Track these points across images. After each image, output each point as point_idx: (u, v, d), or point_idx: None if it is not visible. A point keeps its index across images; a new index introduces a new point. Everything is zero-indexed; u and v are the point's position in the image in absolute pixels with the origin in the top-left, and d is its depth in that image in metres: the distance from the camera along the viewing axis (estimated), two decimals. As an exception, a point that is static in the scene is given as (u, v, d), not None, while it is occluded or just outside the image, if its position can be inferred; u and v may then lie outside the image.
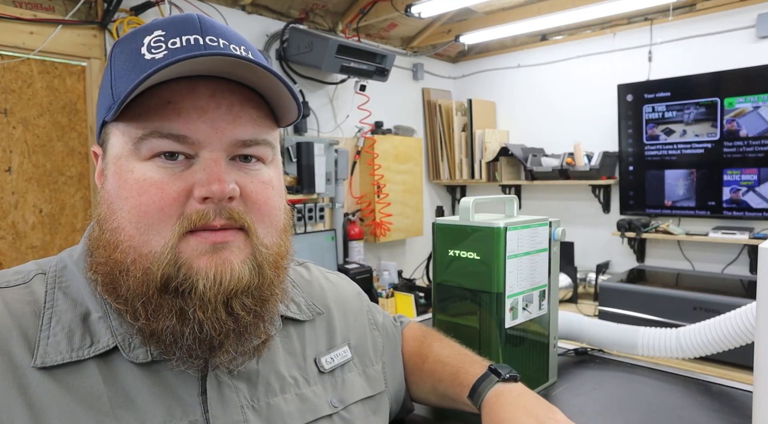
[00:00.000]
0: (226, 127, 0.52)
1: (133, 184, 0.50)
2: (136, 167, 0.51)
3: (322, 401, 0.62)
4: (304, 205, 2.64)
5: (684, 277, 2.55)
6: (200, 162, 0.51)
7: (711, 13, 2.58)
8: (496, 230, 0.84)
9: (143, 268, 0.50)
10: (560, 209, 3.14)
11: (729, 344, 0.90)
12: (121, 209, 0.51)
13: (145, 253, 0.50)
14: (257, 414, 0.55)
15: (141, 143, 0.50)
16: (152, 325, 0.50)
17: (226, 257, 0.51)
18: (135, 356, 0.52)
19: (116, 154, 0.52)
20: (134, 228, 0.50)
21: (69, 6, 1.92)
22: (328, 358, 0.65)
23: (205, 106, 0.51)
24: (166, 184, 0.50)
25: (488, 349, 0.86)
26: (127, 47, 0.53)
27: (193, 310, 0.50)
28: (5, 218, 1.87)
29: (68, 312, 0.53)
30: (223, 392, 0.54)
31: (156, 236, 0.50)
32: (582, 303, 2.73)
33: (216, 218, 0.51)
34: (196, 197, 0.50)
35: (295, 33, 2.46)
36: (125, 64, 0.52)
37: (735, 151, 2.47)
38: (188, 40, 0.51)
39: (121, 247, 0.51)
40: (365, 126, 2.95)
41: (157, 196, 0.50)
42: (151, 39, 0.51)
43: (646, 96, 2.69)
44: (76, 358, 0.50)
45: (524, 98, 3.30)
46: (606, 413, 0.85)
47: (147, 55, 0.51)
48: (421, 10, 2.46)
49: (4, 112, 1.86)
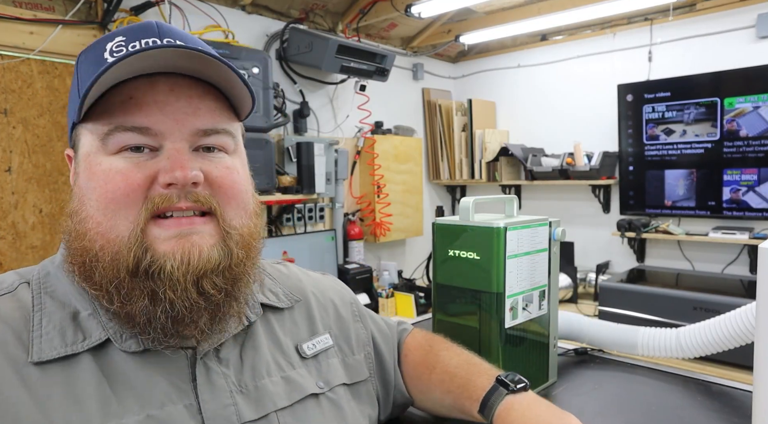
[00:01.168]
0: (186, 118, 0.55)
1: (100, 175, 0.53)
2: (103, 160, 0.54)
3: (308, 382, 0.64)
4: (304, 205, 2.64)
5: (684, 277, 2.55)
6: (164, 152, 0.54)
7: (711, 13, 2.58)
8: (496, 230, 0.84)
9: (112, 253, 0.52)
10: (560, 209, 3.14)
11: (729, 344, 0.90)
12: (89, 199, 0.54)
13: (112, 238, 0.53)
14: (246, 397, 0.57)
15: (107, 138, 0.54)
16: (126, 307, 0.53)
17: (195, 241, 0.54)
18: (128, 346, 0.54)
19: (86, 152, 0.56)
20: (101, 215, 0.53)
21: (69, 6, 1.92)
22: (309, 344, 0.68)
23: (164, 100, 0.54)
24: (131, 171, 0.53)
25: (488, 349, 0.86)
26: (91, 54, 0.57)
27: (163, 290, 0.52)
28: (5, 218, 1.87)
29: (57, 313, 0.55)
30: (212, 378, 0.56)
31: (123, 220, 0.52)
32: (582, 303, 2.73)
33: (180, 201, 0.54)
34: (161, 183, 0.53)
35: (295, 33, 2.46)
36: (89, 68, 0.56)
37: (735, 151, 2.47)
38: (146, 42, 0.54)
39: (89, 234, 0.53)
40: (365, 126, 2.95)
41: (122, 182, 0.53)
42: (113, 44, 0.55)
43: (646, 96, 2.69)
44: (71, 352, 0.52)
45: (524, 98, 3.30)
46: (606, 413, 0.85)
47: (109, 59, 0.54)
48: (421, 10, 2.46)
49: (4, 112, 1.86)
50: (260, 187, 2.20)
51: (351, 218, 2.89)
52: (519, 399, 0.67)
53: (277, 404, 0.59)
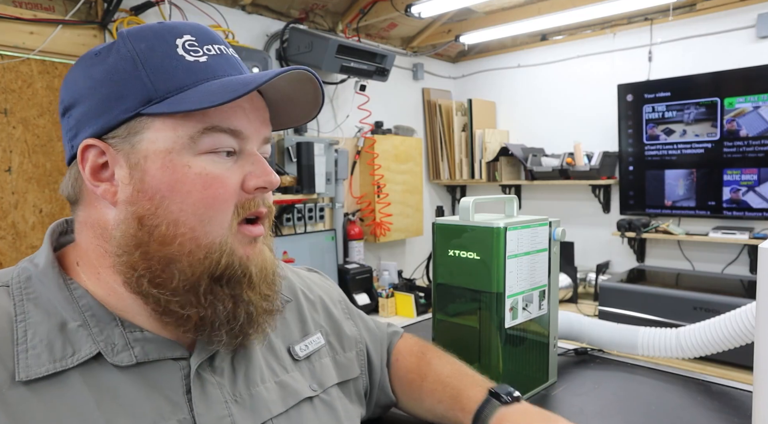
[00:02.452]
0: (260, 126, 0.57)
1: (195, 179, 0.52)
2: (192, 161, 0.53)
3: (302, 385, 0.64)
4: (304, 205, 2.64)
5: (684, 277, 2.55)
6: (245, 156, 0.56)
7: (711, 13, 2.58)
8: (496, 230, 0.84)
9: (200, 258, 0.53)
10: (560, 209, 3.14)
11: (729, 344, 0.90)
12: (182, 203, 0.52)
13: (204, 243, 0.53)
14: (241, 406, 0.57)
15: (200, 137, 0.53)
16: (202, 312, 0.53)
17: (260, 247, 0.58)
18: (120, 360, 0.52)
19: (164, 148, 0.52)
20: (197, 220, 0.52)
21: (69, 6, 1.92)
22: (301, 345, 0.68)
23: (249, 107, 0.56)
24: (227, 177, 0.54)
25: (488, 349, 0.86)
26: (156, 44, 0.53)
27: (244, 292, 0.55)
28: (5, 218, 1.87)
29: (43, 323, 0.51)
30: (207, 390, 0.55)
31: (217, 226, 0.53)
32: (582, 303, 2.73)
33: (260, 206, 0.57)
34: (250, 188, 0.55)
35: (295, 33, 2.46)
36: (164, 62, 0.53)
37: (735, 151, 2.47)
38: (219, 48, 0.56)
39: (179, 239, 0.52)
40: (365, 126, 2.95)
41: (221, 189, 0.53)
42: (183, 41, 0.54)
43: (646, 96, 2.69)
44: (60, 368, 0.49)
45: (524, 98, 3.30)
46: (606, 413, 0.85)
47: (187, 57, 0.54)
48: (421, 10, 2.46)
49: (4, 112, 1.86)
50: (260, 187, 2.20)
51: (351, 217, 2.89)
52: (511, 411, 0.68)
53: (273, 411, 0.59)
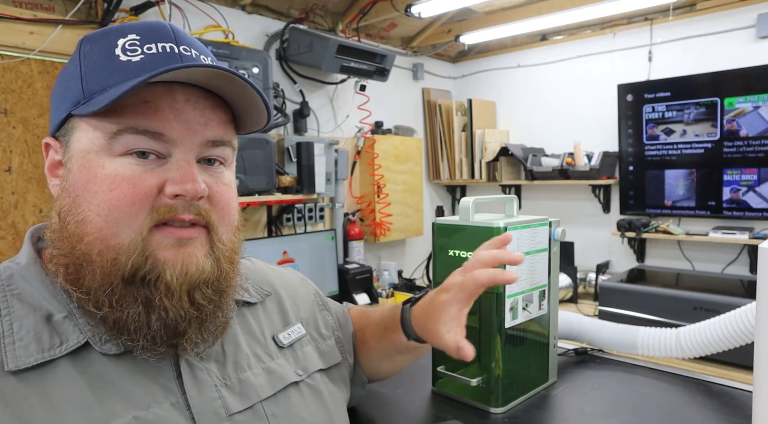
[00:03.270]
0: (199, 128, 0.55)
1: (104, 179, 0.52)
2: (107, 163, 0.52)
3: (288, 371, 0.66)
4: (304, 205, 2.64)
5: (684, 277, 2.55)
6: (173, 161, 0.54)
7: (711, 13, 2.58)
8: (496, 230, 0.84)
9: (110, 259, 0.52)
10: (560, 209, 3.14)
11: (729, 344, 0.90)
12: (89, 202, 0.52)
13: (113, 244, 0.52)
14: (231, 391, 0.58)
15: (115, 138, 0.52)
16: (116, 313, 0.52)
17: (191, 251, 0.55)
18: (108, 349, 0.53)
19: (84, 148, 0.53)
20: (103, 221, 0.52)
21: (69, 6, 1.92)
22: (285, 334, 0.70)
23: (181, 108, 0.54)
24: (138, 179, 0.52)
25: (488, 349, 0.86)
26: (98, 45, 0.55)
27: (159, 298, 0.52)
28: (5, 218, 1.87)
29: (29, 317, 0.52)
30: (196, 374, 0.57)
31: (125, 228, 0.52)
32: (582, 303, 2.73)
33: (184, 212, 0.54)
34: (168, 194, 0.53)
35: (295, 33, 2.46)
36: (98, 62, 0.54)
37: (735, 151, 2.47)
38: (164, 47, 0.54)
39: (86, 238, 0.52)
40: (365, 126, 2.95)
41: (129, 190, 0.52)
42: (126, 41, 0.54)
43: (646, 96, 2.69)
44: (48, 357, 0.50)
45: (524, 98, 3.30)
46: (606, 413, 0.85)
47: (122, 57, 0.53)
48: (421, 10, 2.46)
49: (4, 112, 1.86)
50: (260, 187, 2.20)
51: (351, 217, 2.89)
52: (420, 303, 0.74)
53: (261, 394, 0.60)
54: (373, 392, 0.96)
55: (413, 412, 0.88)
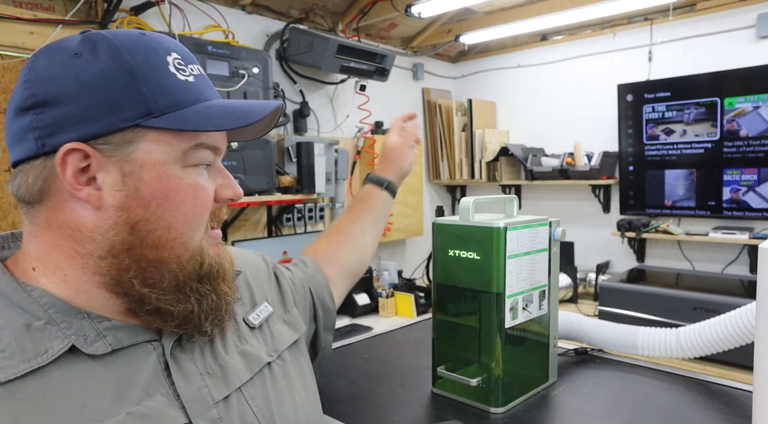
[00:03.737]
0: (224, 140, 0.63)
1: (187, 189, 0.57)
2: (182, 174, 0.57)
3: (261, 352, 0.69)
4: (304, 205, 2.64)
5: (684, 277, 2.55)
6: (215, 170, 0.62)
7: (711, 13, 2.58)
8: (496, 230, 0.84)
9: (185, 260, 0.58)
10: (560, 209, 3.14)
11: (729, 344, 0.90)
12: (175, 210, 0.57)
13: (190, 247, 0.58)
14: (213, 377, 0.61)
15: (191, 152, 0.58)
16: (190, 307, 0.58)
17: (223, 247, 0.65)
18: (95, 349, 0.53)
19: (159, 159, 0.56)
20: (188, 226, 0.58)
21: (69, 6, 1.92)
22: (254, 314, 0.73)
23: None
24: (209, 188, 0.60)
25: (488, 349, 0.86)
26: (150, 58, 0.56)
27: (222, 287, 0.61)
28: (5, 218, 1.87)
29: (7, 328, 0.51)
30: (182, 365, 0.59)
31: (198, 232, 0.59)
32: (582, 303, 2.73)
33: (223, 214, 0.65)
34: (224, 199, 0.62)
35: (295, 33, 2.46)
36: (161, 78, 0.56)
37: (735, 151, 2.47)
38: (198, 69, 0.61)
39: (170, 244, 0.57)
40: (365, 126, 2.95)
41: (207, 198, 0.59)
42: (173, 59, 0.58)
43: (646, 96, 2.69)
44: (36, 366, 0.50)
45: (524, 98, 3.30)
46: (606, 413, 0.85)
47: (179, 76, 0.57)
48: (421, 10, 2.46)
49: (4, 112, 1.85)
50: (260, 187, 2.20)
51: (351, 217, 2.88)
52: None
53: (241, 378, 0.64)
54: (372, 391, 0.96)
55: (413, 412, 0.88)
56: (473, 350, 0.88)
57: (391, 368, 1.09)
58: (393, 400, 0.92)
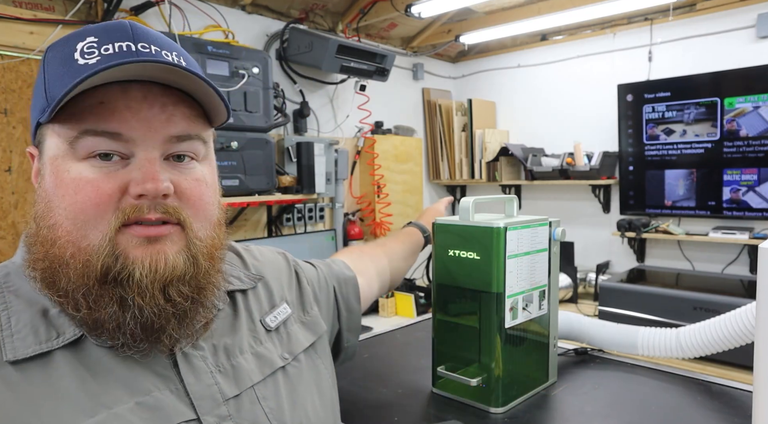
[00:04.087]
0: (160, 125, 0.55)
1: (69, 183, 0.53)
2: (72, 167, 0.53)
3: (275, 356, 0.68)
4: (304, 205, 2.64)
5: (684, 277, 2.55)
6: (135, 161, 0.54)
7: (711, 13, 2.58)
8: (496, 230, 0.84)
9: (83, 260, 0.53)
10: (560, 209, 3.14)
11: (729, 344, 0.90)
12: (58, 207, 0.53)
13: (83, 246, 0.53)
14: (225, 376, 0.60)
15: (76, 142, 0.53)
16: (94, 314, 0.53)
17: (161, 248, 0.55)
18: (104, 341, 0.54)
19: (52, 155, 0.55)
20: (71, 224, 0.53)
21: (69, 6, 1.92)
22: (271, 316, 0.71)
23: (138, 107, 0.54)
24: (102, 182, 0.53)
25: (488, 349, 0.86)
26: (59, 52, 0.55)
27: (132, 297, 0.53)
28: (5, 218, 1.87)
29: (26, 311, 0.54)
30: (192, 362, 0.58)
31: (93, 230, 0.53)
32: (582, 303, 2.73)
33: (150, 212, 0.54)
34: (132, 194, 0.53)
35: (295, 33, 2.46)
36: (58, 69, 0.54)
37: (735, 151, 2.47)
38: (120, 46, 0.54)
39: (59, 242, 0.53)
40: (365, 126, 2.95)
41: (93, 193, 0.53)
42: (84, 45, 0.54)
43: (646, 96, 2.69)
44: (46, 348, 0.52)
45: (524, 98, 3.30)
46: (606, 413, 0.85)
47: (80, 61, 0.53)
48: (421, 10, 2.46)
49: (4, 112, 1.86)
50: (260, 187, 2.20)
51: (351, 217, 2.89)
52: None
53: (253, 379, 0.63)
54: (372, 391, 0.96)
55: (413, 412, 0.88)
56: (473, 350, 0.88)
57: (391, 368, 1.09)
58: (393, 400, 0.92)
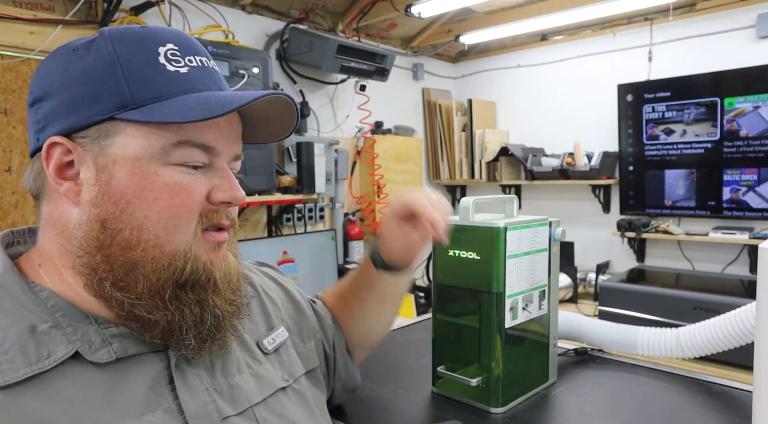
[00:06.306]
0: (233, 142, 0.59)
1: (162, 187, 0.53)
2: (161, 170, 0.53)
3: (275, 376, 0.67)
4: (304, 205, 2.64)
5: (684, 277, 2.55)
6: (215, 170, 0.57)
7: (711, 13, 2.58)
8: (496, 230, 0.84)
9: (164, 264, 0.53)
10: (560, 209, 3.14)
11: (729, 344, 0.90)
12: (147, 209, 0.53)
13: (168, 250, 0.54)
14: (221, 395, 0.58)
15: (173, 149, 0.54)
16: (169, 316, 0.54)
17: (224, 253, 0.60)
18: (99, 357, 0.51)
19: (134, 155, 0.53)
20: (162, 227, 0.53)
21: (69, 6, 1.92)
22: (269, 339, 0.70)
23: (223, 123, 0.57)
24: (194, 188, 0.55)
25: (488, 349, 0.86)
26: (138, 49, 0.54)
27: (210, 297, 0.56)
28: (5, 218, 1.87)
29: (12, 329, 0.50)
30: (188, 379, 0.56)
31: (181, 235, 0.54)
32: (582, 303, 2.73)
33: (223, 218, 0.59)
34: (216, 201, 0.57)
35: (295, 33, 2.46)
36: (145, 68, 0.53)
37: (735, 151, 2.47)
38: (201, 60, 0.57)
39: (143, 245, 0.53)
40: (365, 126, 2.95)
41: (188, 199, 0.55)
42: (167, 50, 0.55)
43: (646, 96, 2.69)
44: (37, 370, 0.48)
45: (524, 98, 3.30)
46: (606, 413, 0.85)
47: (168, 66, 0.54)
48: (421, 10, 2.46)
49: (4, 112, 1.86)
50: (260, 187, 2.20)
51: (351, 217, 2.89)
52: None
53: (252, 400, 0.61)
54: (372, 391, 0.96)
55: (413, 412, 0.88)
56: (473, 350, 0.88)
57: (391, 368, 1.09)
58: (393, 400, 0.92)
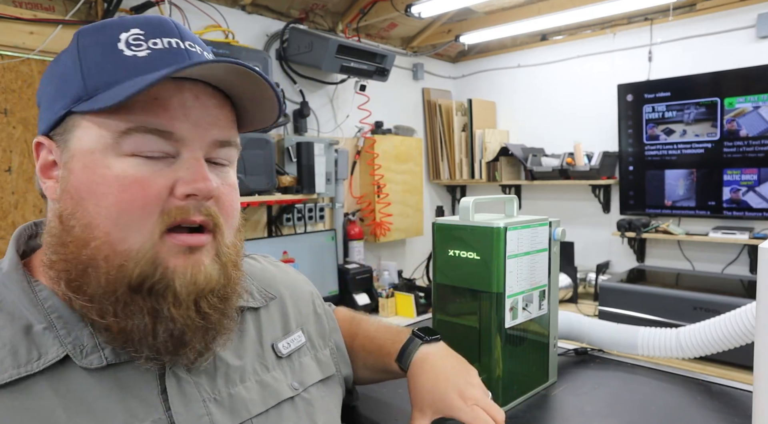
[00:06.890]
0: (207, 127, 0.53)
1: (112, 181, 0.49)
2: (113, 163, 0.50)
3: (283, 385, 0.62)
4: (304, 205, 2.64)
5: (684, 277, 2.55)
6: (182, 161, 0.51)
7: (711, 13, 2.58)
8: (496, 230, 0.84)
9: (117, 265, 0.49)
10: (560, 209, 3.14)
11: (729, 344, 0.90)
12: (96, 205, 0.49)
13: (121, 250, 0.49)
14: (220, 406, 0.55)
15: (123, 137, 0.49)
16: (122, 323, 0.49)
17: (198, 258, 0.52)
18: (89, 362, 0.50)
19: (88, 148, 0.50)
20: (112, 224, 0.49)
21: (69, 6, 1.92)
22: (284, 343, 0.67)
23: (190, 106, 0.52)
24: (148, 181, 0.50)
25: (488, 349, 0.86)
26: (97, 39, 0.52)
27: (167, 308, 0.50)
28: (5, 218, 1.87)
29: (6, 328, 0.49)
30: (183, 388, 0.53)
31: (135, 233, 0.49)
32: (582, 303, 2.73)
33: (195, 214, 0.51)
34: (179, 194, 0.50)
35: (295, 33, 2.46)
36: (101, 57, 0.51)
37: (735, 151, 2.47)
38: (169, 42, 0.52)
39: (93, 243, 0.49)
40: (365, 126, 2.95)
41: (140, 192, 0.49)
42: (129, 36, 0.51)
43: (646, 96, 2.69)
44: (24, 373, 0.47)
45: (524, 98, 3.30)
46: (606, 413, 0.85)
47: (126, 52, 0.51)
48: (421, 10, 2.46)
49: (4, 112, 1.86)
50: (260, 187, 2.20)
51: (351, 217, 2.89)
52: (434, 351, 0.73)
53: (252, 411, 0.57)
54: (373, 391, 0.96)
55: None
56: (473, 350, 0.88)
57: (391, 368, 1.08)
58: (393, 400, 0.92)
